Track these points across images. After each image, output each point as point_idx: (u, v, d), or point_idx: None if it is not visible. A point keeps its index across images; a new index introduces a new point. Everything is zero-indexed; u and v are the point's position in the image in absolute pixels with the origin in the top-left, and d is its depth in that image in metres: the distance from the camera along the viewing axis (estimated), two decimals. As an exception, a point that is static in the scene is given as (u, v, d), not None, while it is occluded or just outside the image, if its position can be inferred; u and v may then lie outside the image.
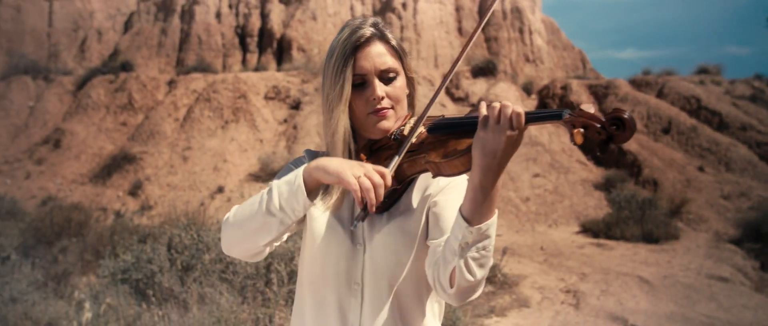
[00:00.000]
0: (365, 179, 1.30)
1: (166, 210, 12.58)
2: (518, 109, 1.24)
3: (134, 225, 10.42)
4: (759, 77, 23.84)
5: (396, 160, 1.37)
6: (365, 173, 1.31)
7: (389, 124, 1.50)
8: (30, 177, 18.48)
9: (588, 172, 16.86)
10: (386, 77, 1.51)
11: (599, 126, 1.19)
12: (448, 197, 1.49)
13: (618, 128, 1.18)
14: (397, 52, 1.54)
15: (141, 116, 20.81)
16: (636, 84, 21.97)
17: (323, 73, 1.53)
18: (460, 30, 28.18)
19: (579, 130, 1.19)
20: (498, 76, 23.51)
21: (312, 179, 1.37)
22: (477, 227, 1.28)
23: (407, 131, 1.48)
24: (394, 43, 1.54)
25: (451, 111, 17.78)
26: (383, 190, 1.30)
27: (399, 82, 1.53)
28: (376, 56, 1.49)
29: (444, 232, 1.42)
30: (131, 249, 6.38)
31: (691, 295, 7.96)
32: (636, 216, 12.61)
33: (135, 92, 21.50)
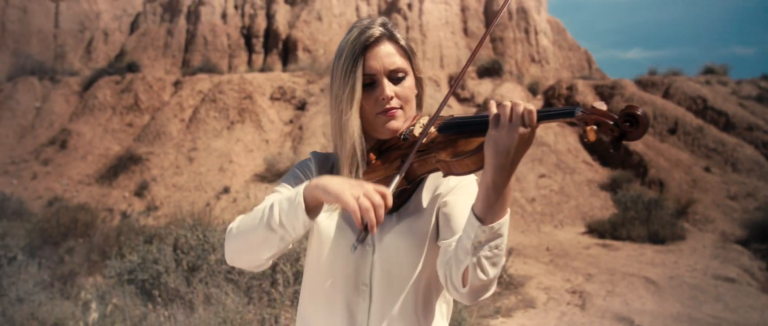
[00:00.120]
0: (365, 200, 1.27)
1: (172, 210, 12.64)
2: (530, 107, 1.24)
3: (140, 225, 10.46)
4: (765, 77, 23.79)
5: (397, 180, 1.35)
6: (365, 193, 1.28)
7: (398, 124, 1.50)
8: (36, 177, 18.54)
9: (594, 173, 16.82)
10: (395, 77, 1.50)
11: (612, 123, 1.19)
12: (459, 197, 1.48)
13: (631, 125, 1.18)
14: (406, 52, 1.54)
15: (147, 117, 20.86)
16: (642, 84, 21.92)
17: (332, 74, 1.52)
18: (466, 31, 28.16)
19: (592, 127, 1.18)
20: (503, 77, 23.50)
21: (312, 197, 1.35)
22: (490, 226, 1.27)
23: (417, 131, 1.47)
24: (403, 43, 1.54)
25: (457, 111, 17.75)
26: (383, 211, 1.28)
27: (408, 82, 1.52)
28: (385, 56, 1.49)
29: (455, 232, 1.42)
30: (137, 249, 6.39)
31: (698, 296, 7.93)
32: (642, 216, 12.58)
33: (141, 93, 21.56)
